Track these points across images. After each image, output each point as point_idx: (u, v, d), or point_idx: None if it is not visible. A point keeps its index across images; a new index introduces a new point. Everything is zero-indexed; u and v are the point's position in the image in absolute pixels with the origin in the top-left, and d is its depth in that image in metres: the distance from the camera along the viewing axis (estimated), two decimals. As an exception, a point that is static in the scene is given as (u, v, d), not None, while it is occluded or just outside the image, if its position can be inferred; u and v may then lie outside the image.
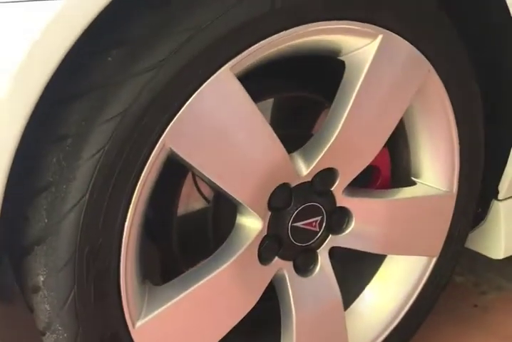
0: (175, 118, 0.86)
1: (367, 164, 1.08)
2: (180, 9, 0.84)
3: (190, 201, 1.06)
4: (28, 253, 0.86)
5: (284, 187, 1.02)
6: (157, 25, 0.83)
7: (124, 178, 0.85)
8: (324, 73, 1.10)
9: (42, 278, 0.85)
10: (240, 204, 0.98)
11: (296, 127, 1.13)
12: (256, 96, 1.02)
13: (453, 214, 1.21)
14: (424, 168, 1.19)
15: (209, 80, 0.87)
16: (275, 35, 0.91)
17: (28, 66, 0.77)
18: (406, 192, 1.17)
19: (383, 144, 1.08)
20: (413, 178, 1.20)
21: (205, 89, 0.87)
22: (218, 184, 0.94)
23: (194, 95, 0.87)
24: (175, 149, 0.88)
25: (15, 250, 0.87)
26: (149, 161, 0.86)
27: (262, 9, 0.88)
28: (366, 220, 1.12)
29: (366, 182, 1.18)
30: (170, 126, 0.86)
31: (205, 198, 1.06)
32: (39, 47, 0.77)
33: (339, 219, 1.09)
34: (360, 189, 1.13)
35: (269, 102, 1.09)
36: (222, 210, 1.05)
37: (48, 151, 0.84)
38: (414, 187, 1.19)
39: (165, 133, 0.86)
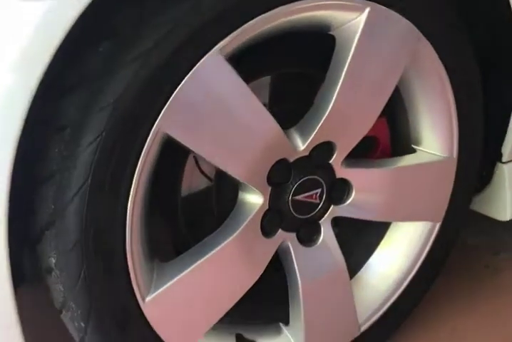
0: (167, 104, 0.89)
1: (363, 135, 1.10)
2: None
3: (193, 180, 1.09)
4: (39, 238, 0.91)
5: (282, 162, 1.05)
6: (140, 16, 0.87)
7: (122, 163, 0.89)
8: (320, 49, 1.11)
9: (54, 260, 0.90)
10: (240, 181, 1.01)
11: (294, 104, 1.15)
12: (253, 73, 1.05)
13: (455, 179, 1.23)
14: (424, 135, 1.20)
15: (198, 64, 0.89)
16: (260, 17, 0.93)
17: (23, 59, 0.80)
18: (405, 160, 1.19)
19: (378, 114, 1.10)
20: (413, 146, 1.21)
21: (195, 73, 0.90)
22: (216, 164, 0.98)
23: (184, 80, 0.90)
24: (170, 134, 0.92)
25: (29, 238, 0.92)
26: (145, 146, 0.90)
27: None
28: (367, 190, 1.15)
29: (366, 153, 1.20)
30: (163, 112, 0.89)
31: (207, 177, 1.10)
32: (33, 41, 0.80)
33: (339, 190, 1.12)
34: (359, 160, 1.15)
35: (267, 79, 1.11)
36: (225, 187, 1.09)
37: (50, 142, 0.88)
38: (414, 154, 1.21)
39: (158, 119, 0.89)
